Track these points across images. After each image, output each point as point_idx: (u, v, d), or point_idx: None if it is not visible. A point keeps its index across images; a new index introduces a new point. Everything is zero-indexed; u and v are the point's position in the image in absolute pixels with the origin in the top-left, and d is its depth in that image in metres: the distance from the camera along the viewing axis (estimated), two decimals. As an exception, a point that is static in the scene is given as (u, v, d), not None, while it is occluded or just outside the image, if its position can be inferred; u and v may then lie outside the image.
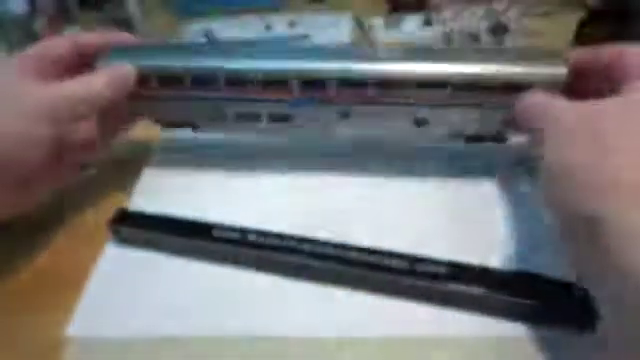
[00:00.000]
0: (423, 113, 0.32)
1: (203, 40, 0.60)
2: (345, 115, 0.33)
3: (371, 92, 0.31)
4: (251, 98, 0.33)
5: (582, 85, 0.28)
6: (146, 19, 0.68)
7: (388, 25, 0.56)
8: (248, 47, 0.34)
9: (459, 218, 0.31)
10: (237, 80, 0.32)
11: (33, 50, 0.32)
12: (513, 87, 0.29)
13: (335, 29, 0.60)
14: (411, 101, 0.31)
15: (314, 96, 0.32)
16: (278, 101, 0.33)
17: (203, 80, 0.33)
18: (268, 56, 0.32)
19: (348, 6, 0.66)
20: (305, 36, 0.58)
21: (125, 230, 0.31)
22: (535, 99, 0.27)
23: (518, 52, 0.31)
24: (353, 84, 0.31)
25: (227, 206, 0.34)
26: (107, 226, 0.31)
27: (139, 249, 0.31)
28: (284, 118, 0.34)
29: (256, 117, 0.34)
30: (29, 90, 0.29)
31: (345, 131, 0.34)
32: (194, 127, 0.37)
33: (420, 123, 0.32)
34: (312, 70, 0.31)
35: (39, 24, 0.57)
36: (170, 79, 0.33)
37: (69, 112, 0.30)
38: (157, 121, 0.37)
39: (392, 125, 0.33)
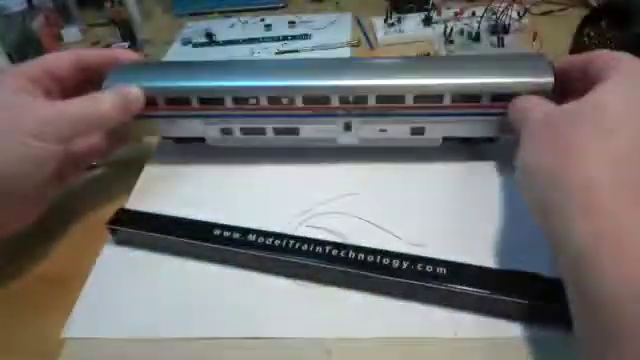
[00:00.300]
0: (420, 122, 0.33)
1: (205, 40, 0.60)
2: (347, 127, 0.34)
3: (371, 105, 0.33)
4: (257, 114, 0.34)
5: (570, 89, 0.28)
6: (146, 19, 0.68)
7: (388, 25, 0.56)
8: (251, 65, 0.36)
9: (458, 217, 0.31)
10: (243, 97, 0.34)
11: (37, 64, 0.32)
12: (506, 96, 0.31)
13: (335, 29, 0.60)
14: (409, 112, 0.33)
15: (318, 110, 0.34)
16: (283, 116, 0.34)
17: (210, 99, 0.34)
18: (273, 73, 0.34)
19: (348, 6, 0.66)
20: (305, 36, 0.58)
21: (124, 230, 0.31)
22: (519, 103, 0.29)
23: (509, 61, 0.33)
24: (355, 98, 0.33)
25: (226, 205, 0.33)
26: (106, 226, 0.31)
27: (138, 249, 0.31)
28: (289, 131, 0.35)
29: (262, 131, 0.35)
30: (34, 108, 0.29)
31: (347, 141, 0.35)
32: (201, 141, 0.38)
33: (417, 132, 0.34)
34: (316, 87, 0.33)
35: (37, 22, 0.56)
36: (178, 99, 0.34)
37: (74, 131, 0.30)
38: (165, 137, 0.38)
39: (391, 134, 0.34)
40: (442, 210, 0.32)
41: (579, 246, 0.18)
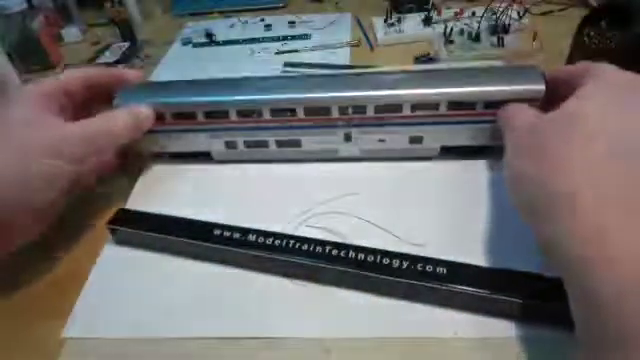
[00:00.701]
0: (418, 131, 0.34)
1: (205, 40, 0.60)
2: (347, 138, 0.35)
3: (370, 115, 0.34)
4: (260, 127, 0.35)
5: (559, 97, 0.29)
6: (146, 19, 0.68)
7: (388, 25, 0.56)
8: (254, 80, 0.37)
9: (458, 216, 0.31)
10: (247, 110, 0.35)
11: (53, 80, 0.33)
12: (499, 103, 0.32)
13: (335, 29, 0.60)
14: (407, 121, 0.34)
15: (319, 121, 0.35)
16: (285, 128, 0.35)
17: (215, 112, 0.35)
18: (275, 87, 0.35)
19: (348, 6, 0.66)
20: (305, 36, 0.58)
21: (123, 230, 0.31)
22: (506, 110, 0.30)
23: (503, 71, 0.35)
24: (355, 108, 0.34)
25: (226, 205, 0.33)
26: (106, 226, 0.31)
27: (138, 249, 0.31)
28: (291, 143, 0.36)
29: (265, 144, 0.36)
30: (50, 126, 0.29)
31: (348, 152, 0.36)
32: (208, 156, 0.38)
33: (415, 141, 0.35)
34: (317, 98, 0.34)
35: (37, 22, 0.56)
36: (184, 113, 0.35)
37: (88, 150, 0.31)
38: (173, 155, 0.38)
39: (390, 144, 0.35)
40: (442, 210, 0.32)
41: (568, 250, 0.19)
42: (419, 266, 0.26)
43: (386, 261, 0.27)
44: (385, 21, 0.56)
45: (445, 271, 0.26)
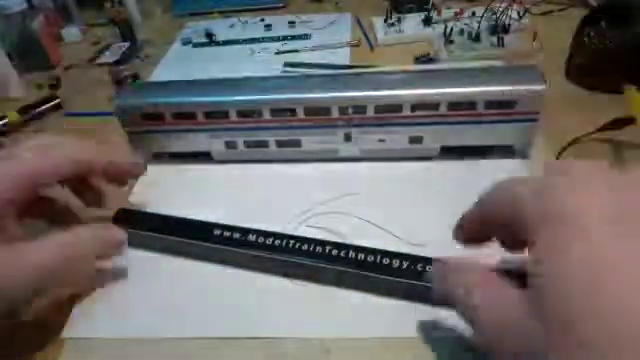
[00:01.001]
0: (418, 131, 0.34)
1: (205, 40, 0.60)
2: (347, 138, 0.35)
3: (370, 115, 0.34)
4: (260, 127, 0.35)
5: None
6: (146, 19, 0.68)
7: (388, 25, 0.56)
8: (254, 80, 0.37)
9: (458, 216, 0.31)
10: (247, 110, 0.35)
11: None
12: (499, 104, 0.32)
13: (335, 29, 0.60)
14: (407, 121, 0.34)
15: (319, 121, 0.35)
16: (286, 128, 0.35)
17: (215, 112, 0.35)
18: (275, 87, 0.35)
19: (348, 6, 0.66)
20: (305, 36, 0.58)
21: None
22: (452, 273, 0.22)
23: (502, 71, 0.36)
24: (355, 109, 0.34)
25: (226, 205, 0.33)
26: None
27: (137, 249, 0.31)
28: (292, 143, 0.36)
29: (265, 144, 0.37)
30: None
31: (348, 152, 0.36)
32: (208, 156, 0.38)
33: (415, 141, 0.35)
34: (317, 98, 0.34)
35: (37, 22, 0.56)
36: (184, 113, 0.35)
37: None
38: (173, 155, 0.38)
39: (390, 144, 0.35)
40: (442, 210, 0.32)
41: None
42: (419, 266, 0.26)
43: (386, 261, 0.27)
44: (385, 21, 0.56)
45: (445, 271, 0.26)
